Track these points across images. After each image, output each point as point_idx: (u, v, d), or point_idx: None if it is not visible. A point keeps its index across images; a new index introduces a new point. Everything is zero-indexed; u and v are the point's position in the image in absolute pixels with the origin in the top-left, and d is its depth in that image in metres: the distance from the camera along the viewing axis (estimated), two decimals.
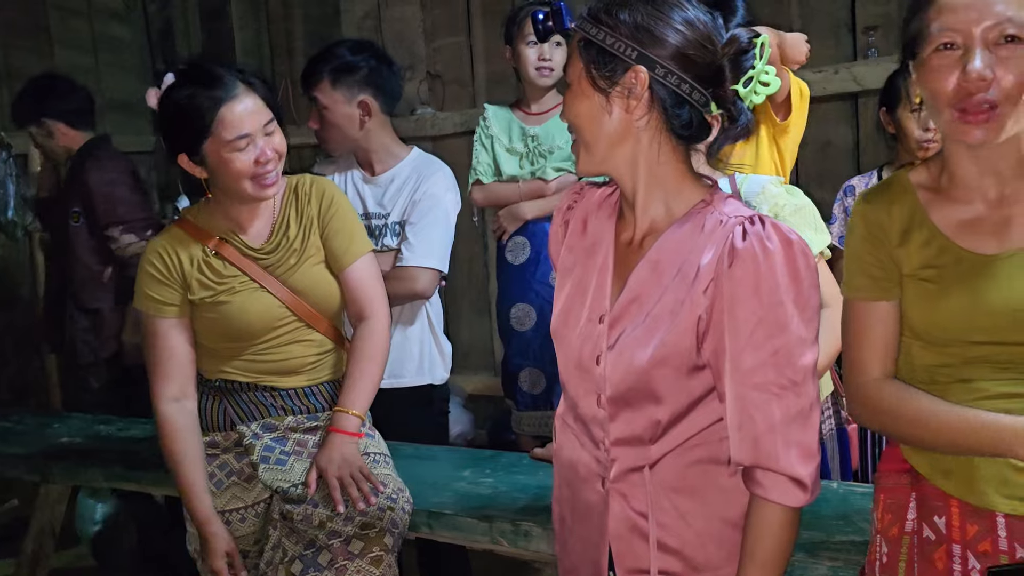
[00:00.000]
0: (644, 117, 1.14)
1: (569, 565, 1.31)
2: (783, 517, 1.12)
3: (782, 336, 1.08)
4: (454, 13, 3.81)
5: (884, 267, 1.23)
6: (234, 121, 1.65)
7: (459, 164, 2.55)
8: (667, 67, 1.12)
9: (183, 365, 1.77)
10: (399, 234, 2.29)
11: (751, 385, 1.10)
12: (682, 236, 1.16)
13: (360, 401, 1.77)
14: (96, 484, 2.36)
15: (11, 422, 2.73)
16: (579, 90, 1.17)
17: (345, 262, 1.81)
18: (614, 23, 1.13)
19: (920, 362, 1.23)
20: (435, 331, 2.37)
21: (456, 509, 1.78)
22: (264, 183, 1.70)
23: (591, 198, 1.31)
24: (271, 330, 1.76)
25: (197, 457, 1.75)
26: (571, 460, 1.28)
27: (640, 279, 1.18)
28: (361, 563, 1.61)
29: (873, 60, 3.01)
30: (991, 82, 1.09)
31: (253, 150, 1.68)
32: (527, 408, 2.58)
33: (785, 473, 1.10)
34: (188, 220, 1.81)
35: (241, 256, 1.76)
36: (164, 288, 1.75)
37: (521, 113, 2.54)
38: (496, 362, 3.68)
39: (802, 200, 1.79)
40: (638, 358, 1.15)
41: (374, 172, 2.37)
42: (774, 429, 1.09)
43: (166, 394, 1.76)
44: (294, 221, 1.80)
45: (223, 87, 1.67)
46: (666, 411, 1.16)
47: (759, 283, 1.08)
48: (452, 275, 2.42)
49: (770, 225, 1.11)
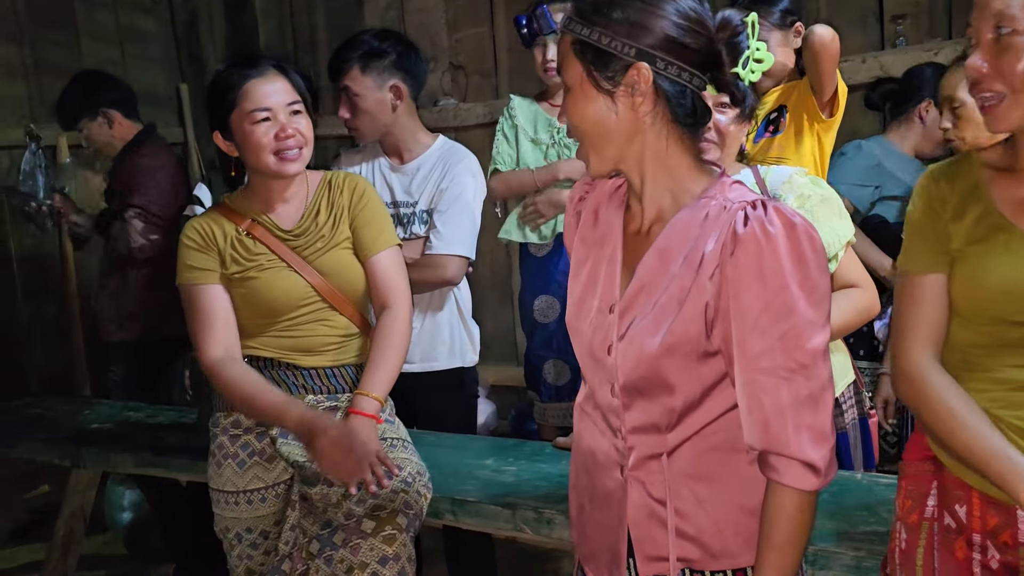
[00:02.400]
0: (650, 112, 1.15)
1: (587, 552, 1.32)
2: (798, 501, 1.11)
3: (789, 320, 1.08)
4: (477, 4, 3.80)
5: (938, 239, 1.23)
6: (256, 95, 1.76)
7: (482, 155, 2.55)
8: (666, 59, 1.12)
9: (228, 325, 1.81)
10: (427, 222, 2.32)
11: (759, 369, 1.10)
12: (688, 224, 1.16)
13: (380, 385, 1.79)
14: (126, 470, 2.40)
15: (42, 409, 2.79)
16: (581, 93, 1.16)
17: (372, 251, 1.86)
18: (607, 22, 1.12)
19: (956, 340, 1.23)
20: (464, 316, 2.42)
21: (479, 497, 1.79)
22: (285, 157, 1.77)
23: (602, 189, 1.31)
24: (295, 308, 1.82)
25: (264, 385, 1.76)
26: (590, 448, 1.29)
27: (648, 268, 1.18)
28: (374, 541, 1.64)
29: (901, 49, 2.98)
30: (988, 75, 1.13)
31: (274, 125, 1.76)
32: (550, 400, 2.58)
33: (796, 457, 1.09)
34: (225, 203, 1.90)
35: (271, 236, 1.83)
36: (202, 256, 1.82)
37: (546, 105, 2.53)
38: (519, 353, 3.69)
39: (827, 190, 1.79)
40: (648, 347, 1.15)
41: (402, 160, 2.39)
42: (783, 413, 1.09)
43: (214, 352, 1.78)
44: (324, 209, 1.87)
45: (254, 67, 1.78)
46: (679, 399, 1.16)
47: (762, 268, 1.08)
48: (475, 266, 2.43)
49: (772, 209, 1.11)
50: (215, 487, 1.85)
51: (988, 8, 1.13)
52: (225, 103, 1.78)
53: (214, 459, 1.86)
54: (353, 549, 1.64)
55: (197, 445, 2.06)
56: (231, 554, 1.87)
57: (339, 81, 2.31)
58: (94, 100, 2.99)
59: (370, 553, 1.63)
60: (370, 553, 1.63)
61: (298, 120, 1.78)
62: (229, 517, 1.84)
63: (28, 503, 3.52)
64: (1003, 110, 1.14)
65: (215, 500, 1.86)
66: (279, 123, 1.76)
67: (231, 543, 1.86)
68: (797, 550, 1.13)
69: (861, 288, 1.75)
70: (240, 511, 1.82)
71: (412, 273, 1.99)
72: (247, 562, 1.86)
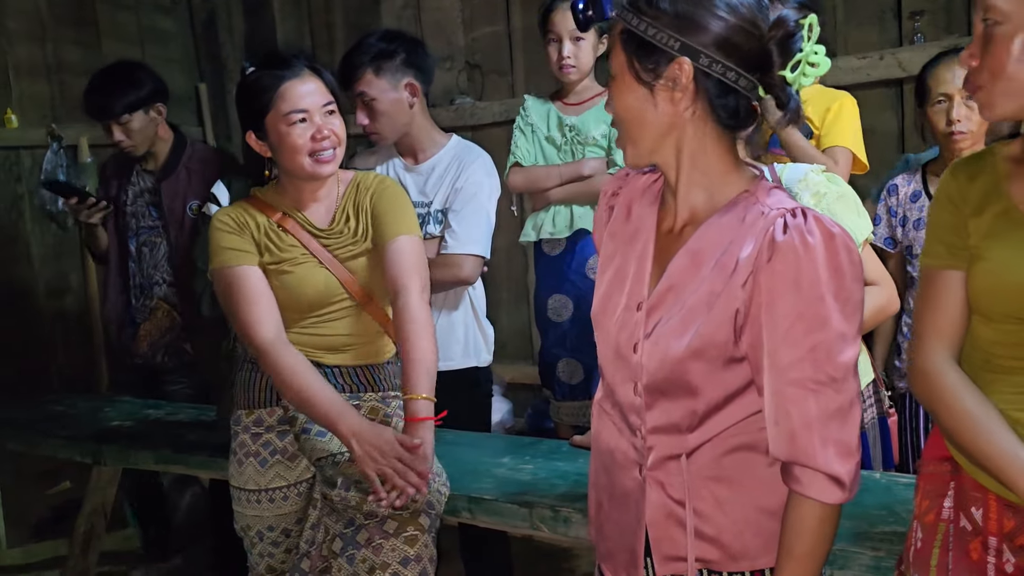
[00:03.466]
0: (689, 108, 1.12)
1: (605, 551, 1.32)
2: (821, 513, 1.10)
3: (821, 332, 1.06)
4: (493, 2, 3.80)
5: (959, 234, 1.22)
6: (293, 97, 1.75)
7: (499, 153, 2.56)
8: (711, 56, 1.09)
9: (274, 306, 1.77)
10: (442, 222, 2.32)
11: (788, 381, 1.08)
12: (723, 227, 1.15)
13: (422, 382, 1.71)
14: (146, 466, 2.42)
15: (64, 406, 2.82)
16: (623, 83, 1.15)
17: (388, 236, 1.82)
18: (655, 13, 1.10)
19: (978, 338, 1.22)
20: (478, 315, 2.43)
21: (496, 495, 1.79)
22: (321, 159, 1.76)
23: (636, 184, 1.29)
24: (325, 305, 1.81)
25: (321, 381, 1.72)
26: (609, 446, 1.28)
27: (679, 268, 1.17)
28: (396, 542, 1.65)
29: (919, 46, 2.95)
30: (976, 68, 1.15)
31: (310, 127, 1.75)
32: (565, 398, 2.58)
33: (822, 470, 1.08)
34: (256, 196, 1.88)
35: (303, 231, 1.83)
36: (239, 239, 1.80)
37: (560, 103, 2.54)
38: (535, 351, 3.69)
39: (844, 188, 1.78)
40: (674, 348, 1.14)
41: (416, 160, 2.40)
42: (811, 426, 1.08)
43: (266, 333, 1.73)
44: (352, 212, 1.86)
45: (289, 68, 1.77)
46: (702, 402, 1.16)
47: (799, 277, 1.06)
48: (490, 265, 2.44)
49: (812, 218, 1.09)
50: (236, 485, 1.86)
51: (979, 2, 1.15)
52: (260, 104, 1.77)
53: (235, 457, 1.87)
54: (375, 549, 1.64)
55: (216, 442, 2.08)
56: (252, 552, 1.89)
57: (352, 87, 2.30)
58: (150, 91, 2.81)
59: (392, 554, 1.64)
60: (392, 554, 1.64)
61: (333, 120, 1.78)
62: (250, 515, 1.85)
63: (50, 499, 3.56)
64: (985, 96, 1.15)
65: (236, 498, 1.86)
66: (315, 124, 1.75)
67: (252, 541, 1.87)
68: (817, 562, 1.13)
69: (879, 286, 1.75)
70: (262, 509, 1.83)
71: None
72: (268, 560, 1.88)
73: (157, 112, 2.82)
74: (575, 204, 2.45)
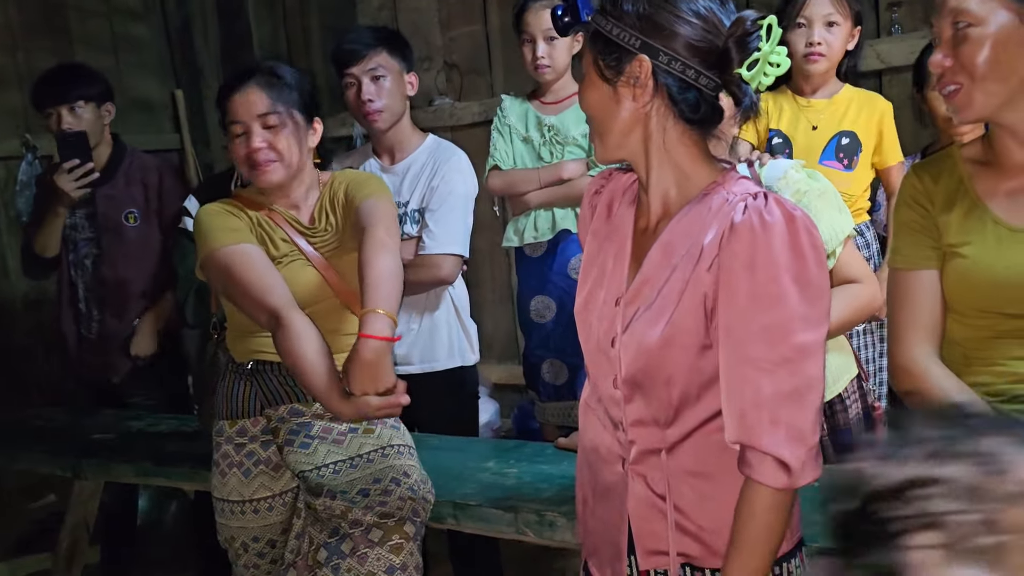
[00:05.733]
0: (649, 104, 1.15)
1: (591, 546, 1.33)
2: (768, 499, 1.09)
3: (776, 311, 1.06)
4: (469, 2, 3.79)
5: (928, 234, 1.25)
6: (231, 109, 1.78)
7: (479, 153, 2.55)
8: (671, 54, 1.12)
9: (281, 281, 1.69)
10: (419, 221, 2.31)
11: (741, 359, 1.08)
12: (691, 218, 1.17)
13: (386, 299, 1.57)
14: (127, 480, 2.40)
15: (43, 419, 2.79)
16: (590, 81, 1.20)
17: (358, 200, 1.78)
18: (619, 14, 1.15)
19: (953, 335, 1.24)
20: (460, 315, 2.42)
21: (481, 500, 1.79)
22: (256, 168, 1.77)
23: (618, 183, 1.32)
24: (310, 305, 1.76)
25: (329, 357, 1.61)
26: (593, 443, 1.30)
27: (652, 261, 1.19)
28: (381, 551, 1.63)
29: (897, 37, 2.95)
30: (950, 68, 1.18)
31: (246, 138, 1.76)
32: (550, 399, 2.57)
33: (769, 452, 1.07)
34: (240, 194, 1.88)
35: (290, 227, 1.82)
36: (235, 220, 1.79)
37: (538, 103, 2.53)
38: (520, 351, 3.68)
39: (825, 184, 1.78)
40: (648, 338, 1.16)
41: (392, 160, 2.39)
42: (760, 405, 1.07)
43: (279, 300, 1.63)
44: (329, 207, 1.85)
45: (239, 80, 1.79)
46: (677, 393, 1.16)
47: (755, 256, 1.07)
48: (473, 266, 2.43)
49: (773, 200, 1.10)
50: (220, 496, 1.84)
51: (945, 7, 1.19)
52: (220, 117, 1.82)
53: (218, 468, 1.84)
54: (360, 558, 1.63)
55: (198, 453, 2.06)
56: (237, 563, 1.87)
57: (360, 63, 2.28)
58: (103, 89, 2.81)
59: (377, 563, 1.62)
60: (377, 563, 1.62)
61: (272, 132, 1.76)
62: (235, 526, 1.83)
63: (34, 513, 3.52)
64: (963, 97, 1.18)
65: (219, 510, 1.84)
66: (250, 136, 1.76)
67: (237, 552, 1.85)
68: (765, 551, 1.11)
69: (862, 283, 1.73)
70: (247, 520, 1.81)
71: (406, 274, 1.97)
72: (253, 571, 1.86)
73: (107, 111, 2.82)
74: (555, 207, 2.45)
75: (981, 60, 1.14)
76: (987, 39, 1.14)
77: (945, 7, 1.18)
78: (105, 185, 2.80)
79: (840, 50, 2.31)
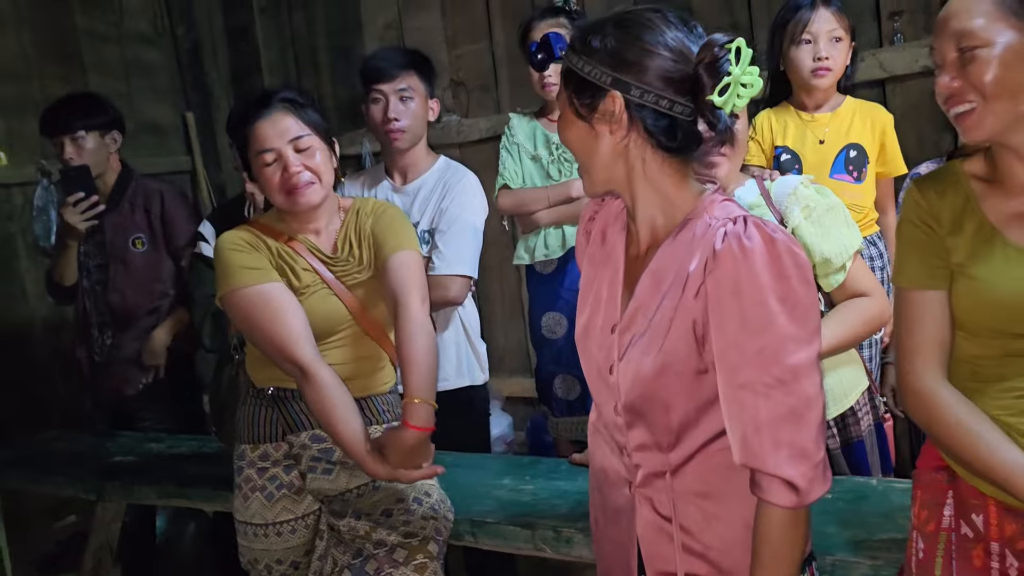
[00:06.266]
0: (626, 137, 1.17)
1: (604, 567, 1.35)
2: (782, 519, 1.11)
3: (766, 335, 1.08)
4: (474, 19, 3.82)
5: (937, 254, 1.24)
6: (261, 137, 1.75)
7: (487, 170, 2.57)
8: (642, 87, 1.13)
9: (306, 325, 1.70)
10: (428, 243, 2.33)
11: (737, 384, 1.10)
12: (678, 244, 1.18)
13: (421, 384, 1.63)
14: (150, 501, 2.43)
15: (65, 442, 2.83)
16: (567, 118, 1.21)
17: (388, 251, 1.79)
18: (589, 51, 1.16)
19: (962, 352, 1.24)
20: (470, 335, 2.44)
21: (498, 517, 1.80)
22: (294, 192, 1.75)
23: (610, 209, 1.33)
24: (332, 334, 1.79)
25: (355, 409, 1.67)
26: (602, 465, 1.32)
27: (644, 289, 1.21)
28: (406, 571, 1.65)
29: (899, 46, 2.97)
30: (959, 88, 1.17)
31: (280, 164, 1.75)
32: (563, 414, 2.59)
33: (774, 474, 1.09)
34: (259, 221, 1.87)
35: (312, 255, 1.81)
36: (257, 256, 1.77)
37: (545, 120, 2.55)
38: (532, 364, 3.70)
39: (833, 199, 1.79)
40: (643, 367, 1.17)
41: (404, 181, 2.42)
42: (760, 429, 1.09)
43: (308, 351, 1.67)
44: (354, 239, 1.85)
45: (263, 106, 1.77)
46: (676, 417, 1.18)
47: (739, 282, 1.09)
48: (484, 281, 2.45)
49: (752, 224, 1.11)
50: (242, 519, 1.85)
51: (947, 30, 1.18)
52: (240, 146, 1.81)
53: (240, 492, 1.86)
54: None
55: (219, 475, 2.09)
56: None
57: (391, 82, 2.33)
58: (110, 118, 2.87)
59: None
60: None
61: (307, 156, 1.76)
62: (258, 549, 1.84)
63: (56, 533, 3.55)
64: (976, 118, 1.17)
65: (242, 532, 1.86)
66: (284, 161, 1.75)
67: (260, 574, 1.87)
68: (787, 568, 1.13)
69: (871, 297, 1.74)
70: (270, 543, 1.83)
71: None
72: None
73: (112, 140, 2.87)
74: (564, 225, 2.47)
75: (990, 80, 1.14)
76: (994, 59, 1.14)
77: (947, 30, 1.18)
78: (112, 212, 2.86)
79: (843, 64, 2.34)
